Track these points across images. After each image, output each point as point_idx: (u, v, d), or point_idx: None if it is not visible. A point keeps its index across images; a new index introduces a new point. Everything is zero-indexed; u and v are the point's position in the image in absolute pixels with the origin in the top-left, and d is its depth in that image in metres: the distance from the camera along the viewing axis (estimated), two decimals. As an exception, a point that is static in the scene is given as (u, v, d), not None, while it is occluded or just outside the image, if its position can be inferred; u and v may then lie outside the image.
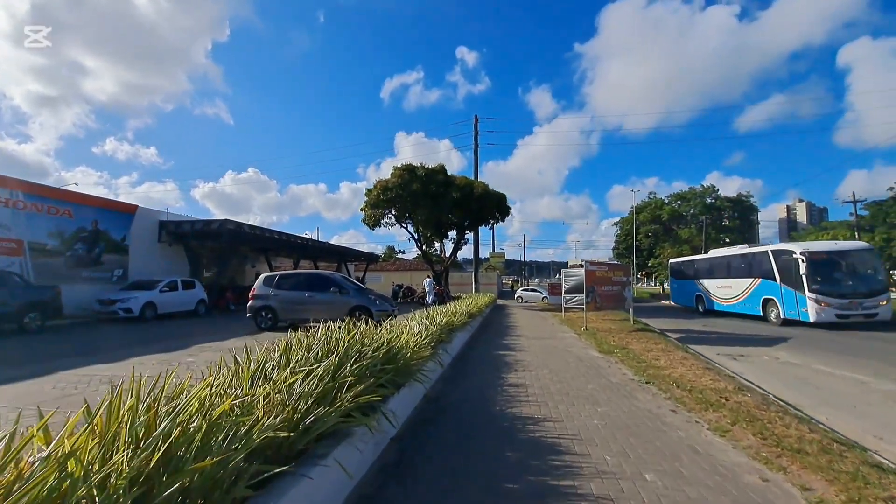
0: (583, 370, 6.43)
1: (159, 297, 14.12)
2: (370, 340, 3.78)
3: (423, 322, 6.75)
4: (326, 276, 10.81)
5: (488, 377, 5.84)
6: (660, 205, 45.15)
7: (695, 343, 10.92)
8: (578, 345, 9.22)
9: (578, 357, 7.63)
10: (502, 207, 26.50)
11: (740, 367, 7.79)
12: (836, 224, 62.61)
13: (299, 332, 3.70)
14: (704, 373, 6.29)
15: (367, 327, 4.28)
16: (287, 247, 23.51)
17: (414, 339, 4.78)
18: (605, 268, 12.93)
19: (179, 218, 17.98)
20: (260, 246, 22.71)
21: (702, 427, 3.89)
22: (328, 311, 10.27)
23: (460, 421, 4.01)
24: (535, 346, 8.86)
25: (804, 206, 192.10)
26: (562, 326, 13.21)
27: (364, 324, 4.57)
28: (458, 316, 8.92)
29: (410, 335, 4.91)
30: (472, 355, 7.67)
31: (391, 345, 3.89)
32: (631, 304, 13.70)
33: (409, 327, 5.75)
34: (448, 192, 24.95)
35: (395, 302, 10.99)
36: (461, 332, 8.51)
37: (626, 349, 8.52)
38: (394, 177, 25.48)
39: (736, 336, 12.68)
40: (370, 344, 3.62)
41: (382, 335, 4.07)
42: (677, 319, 18.10)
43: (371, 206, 26.11)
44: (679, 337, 12.18)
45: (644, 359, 7.41)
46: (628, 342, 9.58)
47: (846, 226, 59.42)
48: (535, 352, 8.16)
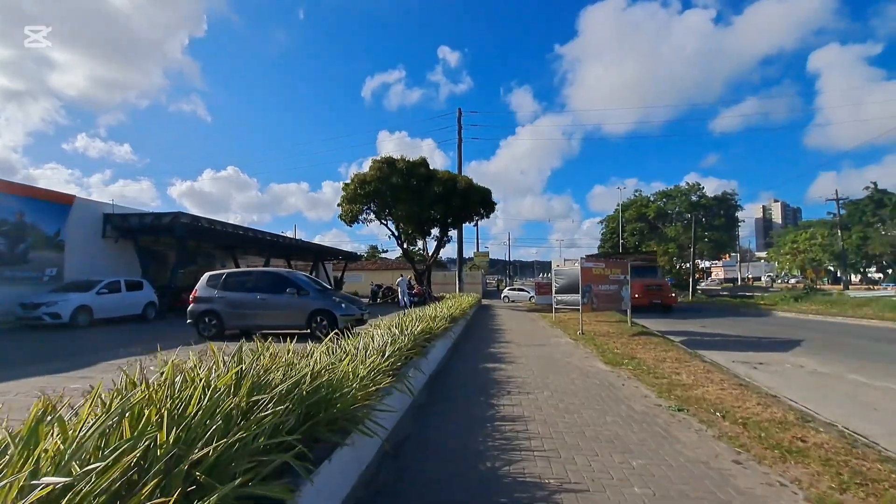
0: (593, 391, 5.10)
1: (96, 300, 12.27)
2: (284, 374, 2.34)
3: (393, 331, 5.33)
4: (282, 274, 9.22)
5: (473, 407, 4.44)
6: (645, 202, 44.67)
7: (703, 348, 9.78)
8: (578, 354, 7.93)
9: (583, 371, 6.32)
10: (487, 203, 25.19)
11: (769, 378, 6.63)
12: (815, 223, 64.00)
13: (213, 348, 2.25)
14: (743, 392, 5.05)
15: (277, 353, 2.83)
16: (257, 244, 21.68)
17: (369, 363, 3.35)
18: (602, 264, 11.72)
19: (127, 210, 16.02)
20: (225, 243, 20.88)
21: (796, 497, 2.58)
22: (284, 317, 8.75)
23: (433, 499, 2.60)
24: (529, 357, 7.52)
25: (779, 206, 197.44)
26: (554, 330, 11.95)
27: (294, 342, 3.15)
28: (439, 321, 7.53)
29: (363, 357, 3.48)
30: (454, 371, 6.27)
31: (321, 379, 2.45)
32: (628, 305, 12.53)
33: (369, 342, 4.32)
34: (430, 186, 23.50)
35: (365, 305, 9.48)
36: (442, 340, 7.12)
37: (635, 359, 7.26)
38: (372, 170, 23.90)
39: (742, 339, 11.64)
40: (278, 381, 2.18)
41: (307, 364, 2.63)
42: (669, 319, 17.12)
43: (348, 200, 24.47)
44: (682, 340, 11.06)
45: (661, 372, 6.15)
46: (634, 349, 8.35)
47: (823, 224, 60.77)
48: (529, 364, 6.82)
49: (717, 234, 40.92)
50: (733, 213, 43.88)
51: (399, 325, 5.88)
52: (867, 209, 57.90)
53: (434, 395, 4.82)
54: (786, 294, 23.87)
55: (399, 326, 5.81)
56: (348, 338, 5.18)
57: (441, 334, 7.37)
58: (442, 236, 27.14)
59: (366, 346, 4.21)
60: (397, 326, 5.78)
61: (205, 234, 16.77)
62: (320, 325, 8.46)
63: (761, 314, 19.35)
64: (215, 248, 21.56)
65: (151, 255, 17.06)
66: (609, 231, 49.00)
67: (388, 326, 5.77)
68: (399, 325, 5.96)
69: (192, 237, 16.00)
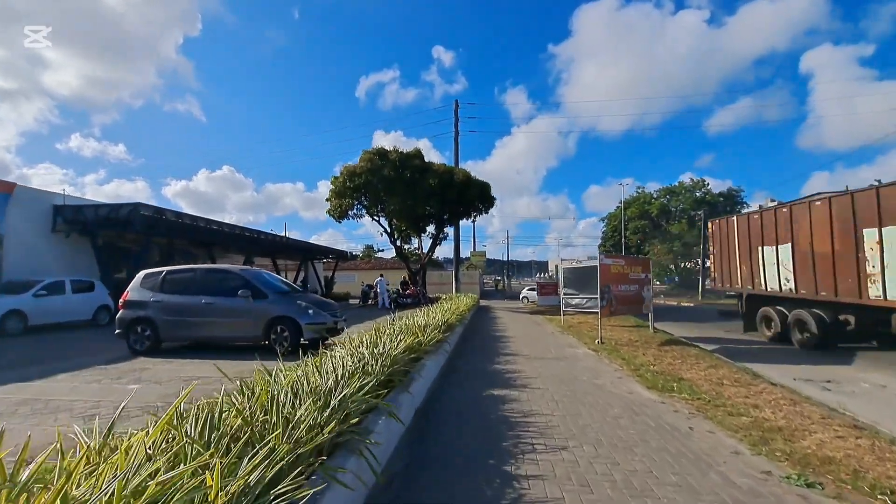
0: (654, 443, 3.46)
1: (32, 304, 10.51)
2: None
3: (361, 355, 3.68)
4: (234, 272, 7.42)
5: (480, 487, 2.78)
6: (648, 200, 43.11)
7: (746, 359, 8.22)
8: (606, 371, 6.30)
9: (624, 402, 4.68)
10: (486, 197, 23.53)
11: (863, 406, 5.05)
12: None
13: None
14: (873, 443, 3.44)
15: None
16: (238, 242, 19.96)
17: (294, 436, 1.70)
18: (622, 262, 10.10)
19: (81, 201, 14.23)
20: (201, 240, 19.09)
21: None
22: (234, 326, 7.03)
23: None
24: (546, 377, 5.89)
25: (775, 205, 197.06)
26: (566, 337, 10.33)
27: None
28: (430, 331, 5.88)
29: (290, 416, 1.84)
30: (448, 406, 4.62)
31: None
32: (650, 308, 10.94)
33: (316, 376, 2.68)
34: (425, 178, 21.83)
35: (340, 311, 7.82)
36: (433, 358, 5.47)
37: (683, 380, 5.65)
38: (363, 161, 22.20)
39: (783, 349, 10.05)
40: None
41: None
42: (688, 323, 15.56)
43: (337, 194, 22.75)
44: (716, 349, 9.48)
45: (732, 404, 4.54)
46: (673, 365, 6.74)
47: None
48: (548, 389, 5.19)
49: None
50: (739, 210, 42.45)
51: (374, 342, 4.23)
52: (872, 207, 56.93)
53: (415, 464, 3.14)
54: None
55: (374, 344, 4.15)
56: (313, 354, 3.55)
57: (433, 348, 5.73)
58: (437, 233, 25.46)
59: (313, 387, 2.56)
60: (370, 345, 4.12)
61: (173, 230, 15.01)
62: (281, 336, 6.77)
63: (784, 316, 17.79)
64: (191, 245, 19.77)
65: (114, 253, 15.27)
66: (610, 229, 47.44)
67: (357, 347, 4.12)
68: (374, 341, 4.30)
69: (157, 232, 14.22)
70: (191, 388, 2.16)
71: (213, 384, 4.94)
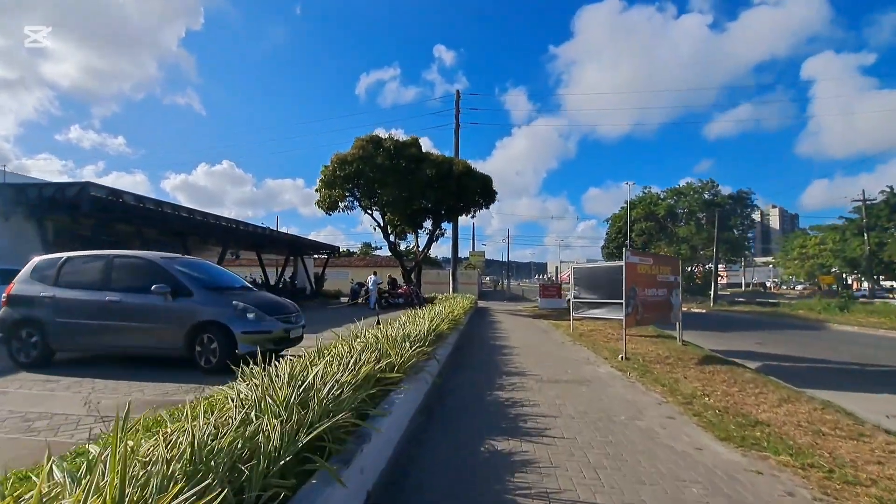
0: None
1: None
2: None
3: (273, 402, 2.03)
4: (148, 259, 5.58)
5: None
6: (655, 200, 41.45)
7: (800, 382, 6.55)
8: (649, 406, 4.65)
9: (700, 471, 3.03)
10: (487, 191, 21.85)
11: None
12: (824, 227, 61.46)
13: None
14: None
15: None
16: (213, 232, 18.22)
17: None
18: (650, 261, 8.45)
19: (24, 180, 12.49)
20: (171, 229, 17.33)
21: None
22: (147, 333, 5.29)
23: None
24: (569, 417, 4.25)
25: (777, 211, 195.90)
26: (579, 349, 8.69)
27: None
28: (411, 350, 4.23)
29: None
30: (425, 477, 2.97)
31: None
32: (679, 317, 9.30)
33: None
34: (421, 168, 20.18)
35: (297, 314, 6.14)
36: (412, 386, 3.83)
37: (759, 423, 4.02)
38: (354, 148, 20.52)
39: (841, 367, 8.37)
40: None
41: None
42: (706, 332, 13.89)
43: (326, 184, 21.06)
44: (759, 367, 7.83)
45: (870, 477, 2.90)
46: (731, 395, 5.09)
47: (833, 228, 58.16)
48: (577, 443, 3.54)
49: (733, 236, 37.80)
50: (749, 213, 40.91)
51: (299, 379, 2.57)
52: (882, 214, 55.23)
53: None
54: (828, 302, 20.80)
55: (297, 380, 2.50)
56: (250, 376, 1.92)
57: (413, 372, 4.09)
58: (434, 229, 23.83)
59: None
60: (296, 379, 2.47)
61: (133, 215, 13.31)
62: (207, 348, 5.10)
63: (813, 327, 16.18)
64: (161, 235, 18.02)
65: (71, 242, 13.56)
66: (614, 230, 45.78)
67: (290, 379, 2.46)
68: (300, 376, 2.64)
69: (113, 217, 12.54)
70: None
71: (68, 430, 3.30)
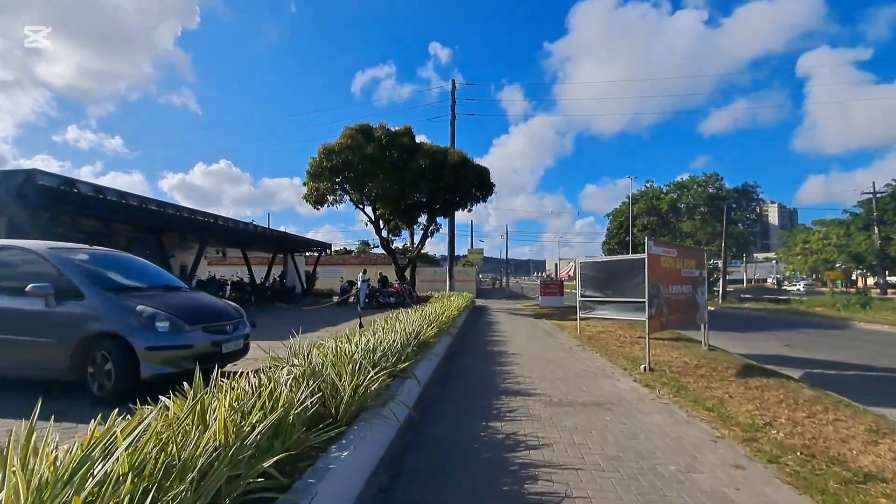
0: None
1: None
2: None
3: None
4: (28, 252, 4.32)
5: None
6: (658, 194, 40.25)
7: (854, 395, 5.35)
8: (702, 446, 3.44)
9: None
10: (484, 183, 20.62)
11: None
12: (828, 222, 60.54)
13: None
14: None
15: None
16: (186, 227, 16.91)
17: None
18: (674, 252, 7.23)
19: None
20: (144, 224, 16.00)
21: None
22: (22, 349, 4.04)
23: None
24: (597, 469, 3.04)
25: (776, 207, 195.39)
26: (591, 356, 7.48)
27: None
28: (376, 370, 3.03)
29: None
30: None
31: None
32: (705, 318, 8.11)
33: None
34: (414, 159, 18.94)
35: (240, 319, 4.87)
36: (368, 430, 2.63)
37: (867, 476, 2.80)
38: (343, 138, 19.24)
39: (892, 375, 7.22)
40: None
41: None
42: (724, 333, 12.69)
43: (313, 177, 19.79)
44: (801, 376, 6.63)
45: None
46: (799, 423, 3.89)
47: (838, 223, 57.15)
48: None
49: (739, 230, 36.67)
50: (755, 207, 39.79)
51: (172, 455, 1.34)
52: (888, 207, 54.18)
53: None
54: (847, 299, 19.68)
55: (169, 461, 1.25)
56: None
57: (378, 401, 2.88)
58: (429, 224, 22.59)
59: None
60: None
61: (91, 207, 12.02)
62: (101, 369, 3.80)
63: (837, 326, 15.02)
64: (135, 230, 16.70)
65: (22, 238, 12.27)
66: (615, 226, 44.59)
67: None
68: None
69: (69, 210, 11.25)
70: None
71: None
